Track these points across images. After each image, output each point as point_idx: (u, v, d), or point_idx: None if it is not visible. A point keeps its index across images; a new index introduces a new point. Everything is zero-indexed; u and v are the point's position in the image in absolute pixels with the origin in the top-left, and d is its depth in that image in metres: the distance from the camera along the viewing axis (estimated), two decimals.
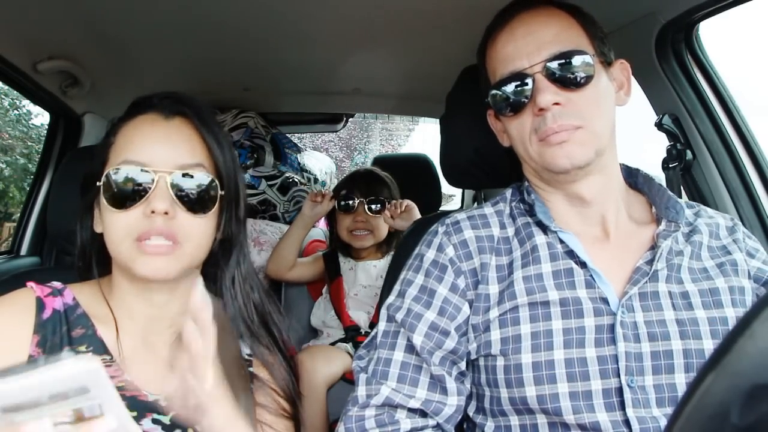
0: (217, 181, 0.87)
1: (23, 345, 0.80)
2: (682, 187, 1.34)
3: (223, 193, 0.88)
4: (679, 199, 0.92)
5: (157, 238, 0.81)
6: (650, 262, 0.87)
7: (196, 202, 0.85)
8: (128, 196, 0.82)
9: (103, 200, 0.84)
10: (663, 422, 0.79)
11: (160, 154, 0.84)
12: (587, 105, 0.87)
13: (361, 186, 1.92)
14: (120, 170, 0.83)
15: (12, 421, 0.50)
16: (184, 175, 0.84)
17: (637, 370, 0.81)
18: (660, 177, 1.36)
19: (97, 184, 0.85)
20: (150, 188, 0.82)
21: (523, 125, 0.90)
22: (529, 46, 0.89)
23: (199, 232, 0.86)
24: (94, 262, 0.92)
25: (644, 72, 1.34)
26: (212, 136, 0.89)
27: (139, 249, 0.81)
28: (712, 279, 0.88)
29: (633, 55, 0.96)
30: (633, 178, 1.00)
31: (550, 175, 0.91)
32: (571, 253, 0.89)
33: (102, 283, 0.91)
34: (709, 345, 0.83)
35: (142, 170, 0.83)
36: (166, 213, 0.81)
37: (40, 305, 0.83)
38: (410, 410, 0.87)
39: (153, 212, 0.81)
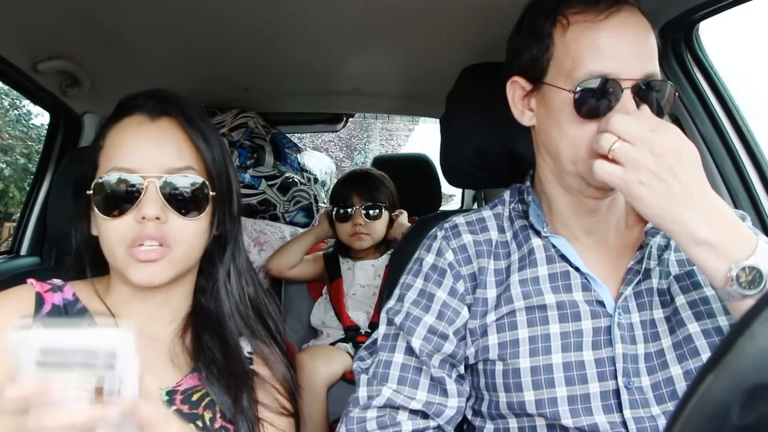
0: (207, 182, 0.87)
1: None
2: None
3: (214, 193, 0.88)
4: None
5: (149, 243, 0.81)
6: (640, 261, 0.87)
7: (187, 205, 0.84)
8: (119, 203, 0.82)
9: (94, 207, 0.84)
10: (662, 420, 0.79)
11: (148, 158, 0.83)
12: None
13: (359, 189, 1.92)
14: (109, 178, 0.83)
15: (43, 378, 0.55)
16: (174, 179, 0.83)
17: (634, 372, 0.81)
18: None
19: (88, 192, 0.84)
20: (140, 194, 0.82)
21: (587, 131, 0.81)
22: (632, 56, 0.80)
23: (191, 234, 0.85)
24: (87, 264, 0.91)
25: None
26: (200, 135, 0.87)
27: (132, 256, 0.81)
28: (692, 264, 0.86)
29: None
30: None
31: (579, 184, 0.86)
32: (566, 256, 0.89)
33: (96, 283, 0.91)
34: (694, 329, 0.82)
35: (130, 177, 0.82)
36: (157, 218, 0.81)
37: (40, 301, 0.84)
38: (411, 412, 0.87)
39: (144, 218, 0.80)
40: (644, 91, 0.80)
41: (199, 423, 0.83)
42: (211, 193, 0.87)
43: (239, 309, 0.93)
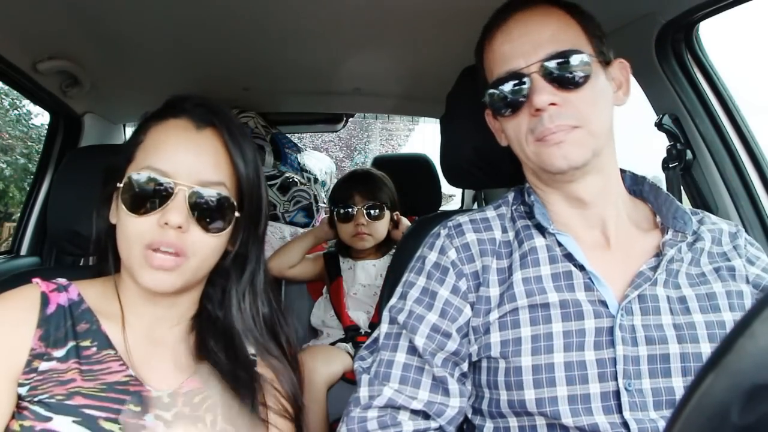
0: (235, 202, 0.87)
1: (25, 339, 0.80)
2: (681, 187, 1.34)
3: (239, 215, 0.88)
4: (686, 209, 0.92)
5: (165, 249, 0.81)
6: (654, 268, 0.87)
7: (211, 221, 0.85)
8: (146, 203, 0.83)
9: (120, 201, 0.84)
10: (661, 424, 0.79)
11: (185, 166, 0.84)
12: (584, 105, 0.86)
13: (360, 189, 1.91)
14: (142, 175, 0.83)
15: None
16: (204, 192, 0.84)
17: (635, 374, 0.81)
18: (659, 177, 1.36)
19: (118, 185, 0.85)
20: (168, 200, 0.82)
21: (519, 125, 0.89)
22: (525, 45, 0.87)
23: (208, 248, 0.86)
24: (110, 252, 0.92)
25: (644, 72, 1.34)
26: (239, 153, 0.88)
27: (146, 259, 0.81)
28: (710, 283, 0.88)
29: (633, 55, 0.96)
30: (639, 185, 1.00)
31: (547, 175, 0.91)
32: (569, 256, 0.89)
33: (108, 281, 0.91)
34: (706, 349, 0.83)
35: (163, 180, 0.83)
36: (179, 227, 0.81)
37: (45, 300, 0.84)
38: (413, 412, 0.87)
39: (166, 224, 0.81)
40: (555, 69, 0.86)
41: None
42: (236, 214, 0.88)
43: (252, 329, 0.94)
